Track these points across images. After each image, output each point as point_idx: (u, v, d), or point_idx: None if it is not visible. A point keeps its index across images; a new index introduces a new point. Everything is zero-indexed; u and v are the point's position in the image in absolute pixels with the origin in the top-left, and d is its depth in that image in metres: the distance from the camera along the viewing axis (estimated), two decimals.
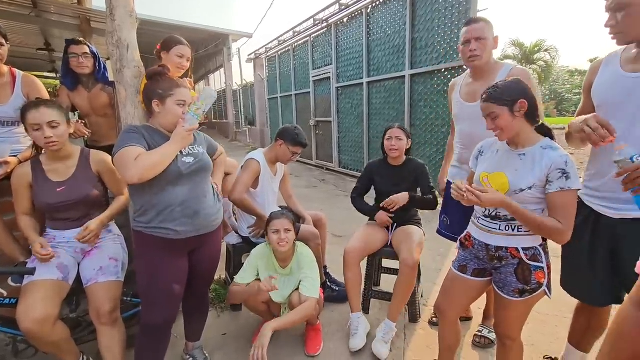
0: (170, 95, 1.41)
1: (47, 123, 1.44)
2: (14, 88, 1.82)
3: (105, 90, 2.33)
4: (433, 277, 2.68)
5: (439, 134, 4.59)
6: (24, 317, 1.32)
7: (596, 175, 1.34)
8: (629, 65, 1.21)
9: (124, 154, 1.30)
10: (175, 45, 2.04)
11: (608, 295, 1.35)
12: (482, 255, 1.37)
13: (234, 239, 2.32)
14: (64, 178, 1.56)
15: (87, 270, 1.54)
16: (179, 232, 1.41)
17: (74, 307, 1.63)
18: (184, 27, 12.11)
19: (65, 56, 2.22)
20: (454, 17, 4.16)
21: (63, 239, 1.57)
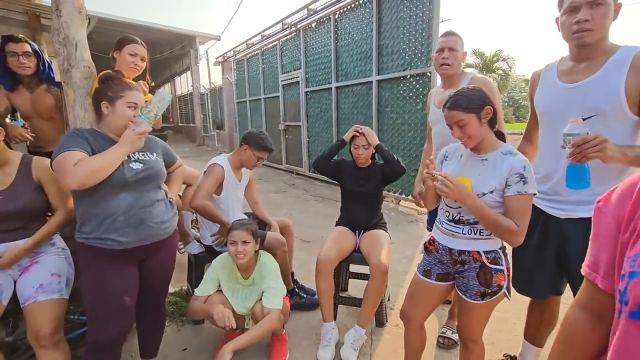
0: (121, 97, 1.34)
1: None
2: None
3: (51, 91, 2.16)
4: (400, 280, 2.71)
5: (405, 138, 4.70)
6: None
7: (544, 179, 1.41)
8: (565, 76, 1.31)
9: (63, 159, 1.21)
10: (128, 43, 1.94)
11: (549, 288, 1.46)
12: (446, 259, 1.38)
13: (196, 248, 2.22)
14: (1, 187, 1.42)
15: (25, 289, 1.39)
16: (123, 243, 1.32)
17: (10, 330, 1.47)
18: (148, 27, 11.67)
19: (2, 54, 2.03)
20: (418, 25, 4.30)
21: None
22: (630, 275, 0.54)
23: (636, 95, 1.15)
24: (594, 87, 1.20)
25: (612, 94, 1.17)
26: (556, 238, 1.37)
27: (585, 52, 1.24)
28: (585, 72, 1.24)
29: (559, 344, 0.74)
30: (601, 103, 1.19)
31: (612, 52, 1.20)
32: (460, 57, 1.87)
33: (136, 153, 1.39)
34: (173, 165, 1.67)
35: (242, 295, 1.79)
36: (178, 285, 2.47)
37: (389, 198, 5.03)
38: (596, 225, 0.68)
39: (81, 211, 1.33)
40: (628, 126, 1.19)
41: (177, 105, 19.42)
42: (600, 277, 0.65)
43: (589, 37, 1.19)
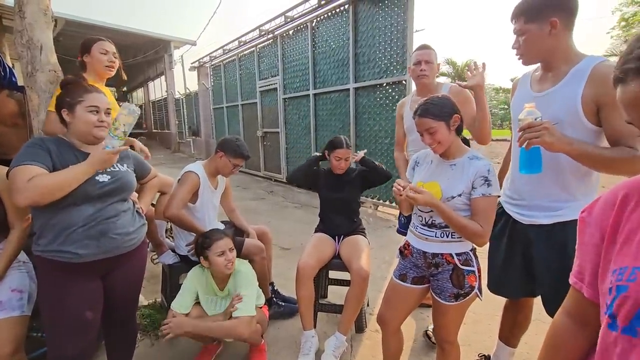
0: (80, 101, 1.26)
1: None
2: None
3: (13, 96, 2.05)
4: (379, 285, 2.73)
5: (382, 145, 4.78)
6: None
7: (511, 184, 1.49)
8: (536, 85, 1.38)
9: (16, 174, 1.14)
10: (95, 42, 1.86)
11: (521, 289, 1.51)
12: (420, 262, 1.42)
13: (170, 258, 2.15)
14: None
15: None
16: (81, 256, 1.25)
17: None
18: (120, 31, 11.32)
19: None
20: (393, 35, 4.41)
21: None
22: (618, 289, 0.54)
23: (593, 105, 1.18)
24: (555, 96, 1.26)
25: (569, 104, 1.22)
26: (521, 242, 1.43)
27: (544, 64, 1.33)
28: (552, 81, 1.29)
29: (545, 349, 0.76)
30: (559, 113, 1.24)
31: (577, 61, 1.24)
32: (435, 69, 2.02)
33: None
34: (146, 176, 1.61)
35: (220, 306, 1.74)
36: (152, 297, 2.38)
37: (367, 204, 5.08)
38: (581, 235, 0.69)
39: (38, 223, 1.25)
40: (587, 135, 1.22)
41: (150, 111, 18.87)
42: (585, 286, 0.66)
43: (523, 60, 1.33)
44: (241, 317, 1.60)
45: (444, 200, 1.33)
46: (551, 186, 1.32)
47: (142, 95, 19.84)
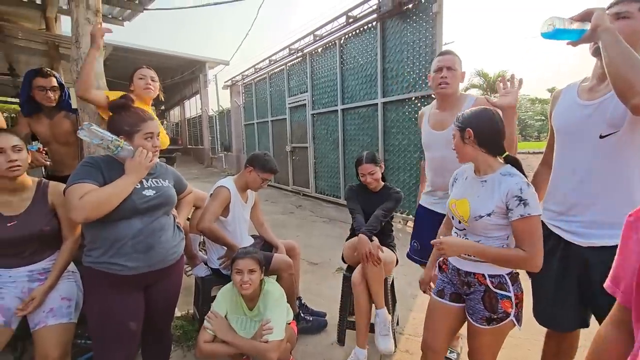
0: (137, 130, 1.36)
1: (11, 147, 1.38)
2: None
3: (68, 117, 2.25)
4: (409, 304, 2.65)
5: (411, 159, 4.72)
6: None
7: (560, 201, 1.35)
8: (585, 94, 1.29)
9: (70, 192, 1.24)
10: (135, 71, 2.09)
11: (574, 320, 1.37)
12: (455, 279, 1.37)
13: (203, 271, 2.21)
14: (16, 212, 1.44)
15: (36, 313, 1.40)
16: (131, 268, 1.32)
17: (18, 354, 1.47)
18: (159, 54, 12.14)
19: (27, 83, 2.13)
20: (422, 49, 4.40)
21: (9, 277, 1.44)
22: None
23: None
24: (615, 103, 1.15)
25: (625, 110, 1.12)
26: (577, 267, 1.29)
27: None
28: (607, 89, 1.20)
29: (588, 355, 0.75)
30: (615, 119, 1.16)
31: None
32: (459, 76, 1.81)
33: (149, 180, 1.42)
34: (183, 192, 1.69)
35: (249, 327, 1.74)
36: (184, 309, 2.45)
37: (395, 219, 4.99)
38: (624, 239, 0.67)
39: (90, 235, 1.34)
40: None
41: (186, 128, 19.84)
42: (620, 292, 0.66)
43: None
44: (272, 341, 1.59)
45: (471, 220, 1.27)
46: (613, 194, 1.19)
47: (179, 113, 20.93)
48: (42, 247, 1.49)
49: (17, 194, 1.47)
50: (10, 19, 5.05)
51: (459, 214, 1.32)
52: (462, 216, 1.30)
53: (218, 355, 1.65)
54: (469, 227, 1.31)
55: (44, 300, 1.42)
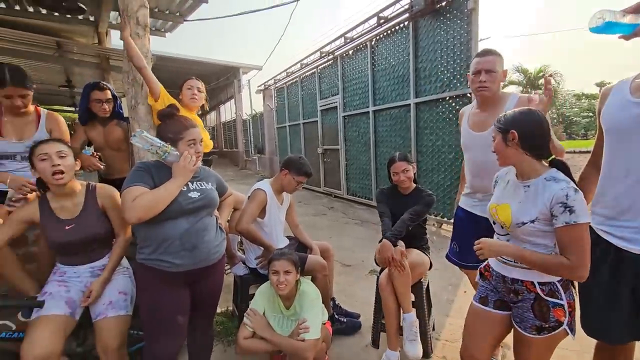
0: (181, 138, 1.46)
1: (56, 152, 1.47)
2: (38, 125, 1.92)
3: (120, 125, 2.45)
4: (445, 308, 2.59)
5: (446, 160, 4.60)
6: (27, 353, 1.32)
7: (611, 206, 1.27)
8: (638, 91, 1.21)
9: (125, 195, 1.35)
10: (184, 82, 2.27)
11: (627, 332, 1.27)
12: (500, 287, 1.33)
13: (241, 270, 2.31)
14: (72, 216, 1.57)
15: (97, 305, 1.54)
16: (178, 265, 1.42)
17: (80, 342, 1.62)
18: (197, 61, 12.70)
19: (85, 96, 2.34)
20: (456, 47, 4.29)
21: (73, 273, 1.59)
22: None
23: None
24: None
25: None
26: (631, 275, 1.21)
27: None
28: None
29: None
30: None
31: None
32: (499, 77, 1.75)
33: (194, 182, 1.52)
34: (224, 194, 1.79)
35: (286, 326, 1.80)
36: (224, 306, 2.56)
37: (429, 221, 4.88)
38: None
39: (142, 234, 1.46)
40: None
41: (221, 132, 20.58)
42: None
43: None
44: (308, 340, 1.64)
45: (513, 227, 1.22)
46: None
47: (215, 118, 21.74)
48: (100, 247, 1.63)
49: (70, 198, 1.59)
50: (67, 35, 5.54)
51: (500, 219, 1.28)
52: (504, 222, 1.26)
53: (256, 352, 1.72)
54: (512, 233, 1.27)
55: (102, 292, 1.56)
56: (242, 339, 1.69)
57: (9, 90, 1.75)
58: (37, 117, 1.93)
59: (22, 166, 1.89)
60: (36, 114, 1.94)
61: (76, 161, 1.58)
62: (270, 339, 1.68)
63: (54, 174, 1.47)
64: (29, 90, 1.83)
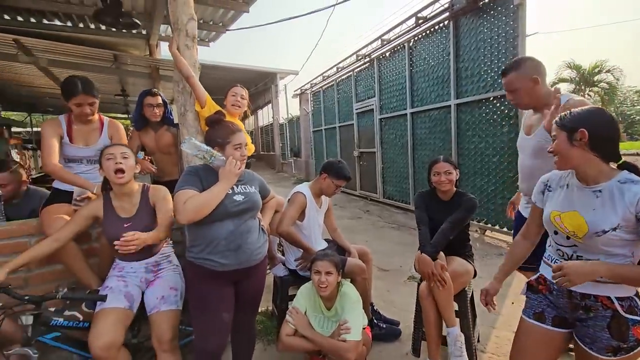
0: (228, 142, 1.54)
1: (120, 153, 1.62)
2: (101, 132, 2.11)
3: (170, 130, 2.61)
4: (491, 320, 2.46)
5: (489, 163, 4.39)
6: (94, 342, 1.45)
7: None
8: None
9: (177, 198, 1.44)
10: (230, 88, 2.36)
11: None
12: (563, 302, 1.20)
13: (281, 271, 2.36)
14: (129, 214, 1.69)
15: (151, 299, 1.65)
16: (224, 265, 1.49)
17: (135, 333, 1.74)
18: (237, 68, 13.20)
19: (139, 102, 2.54)
20: (501, 45, 4.10)
21: (130, 269, 1.71)
22: None
23: None
24: None
25: None
26: None
27: None
28: None
29: None
30: None
31: None
32: (526, 89, 1.70)
33: (239, 186, 1.58)
34: (267, 197, 1.84)
35: (326, 326, 1.81)
36: (264, 305, 2.63)
37: (472, 227, 4.68)
38: None
39: (191, 234, 1.55)
40: None
41: (259, 135, 21.18)
42: None
43: None
44: (350, 341, 1.64)
45: (590, 236, 1.11)
46: None
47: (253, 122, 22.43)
48: (151, 245, 1.73)
49: (128, 198, 1.72)
50: (122, 48, 6.01)
51: (569, 229, 1.16)
52: (574, 231, 1.15)
53: (297, 350, 1.75)
54: (583, 243, 1.15)
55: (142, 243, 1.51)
56: (285, 335, 1.73)
57: (80, 98, 1.93)
58: (100, 125, 2.12)
59: (87, 169, 2.08)
60: (100, 122, 2.12)
61: (136, 164, 1.71)
62: (312, 338, 1.70)
63: (116, 172, 1.60)
64: (96, 99, 2.02)
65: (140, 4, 4.53)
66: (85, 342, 1.50)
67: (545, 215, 1.26)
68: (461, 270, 1.93)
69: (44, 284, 1.93)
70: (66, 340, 1.60)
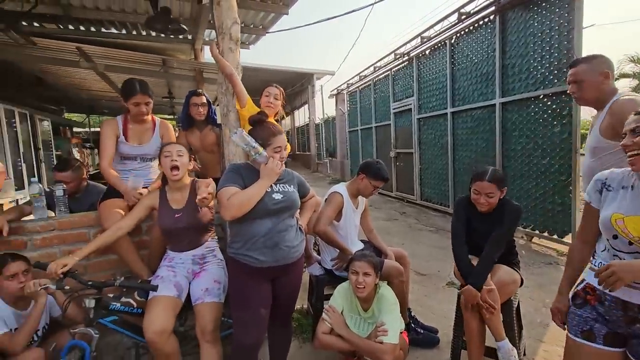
0: (269, 144, 1.57)
1: (176, 151, 1.77)
2: (154, 131, 2.25)
3: (214, 130, 2.73)
4: (538, 333, 2.31)
5: (538, 166, 4.12)
6: (149, 327, 1.55)
7: None
8: None
9: (221, 194, 1.50)
10: (265, 88, 2.39)
11: None
12: (616, 316, 1.10)
13: (317, 270, 2.37)
14: (180, 206, 1.81)
15: (196, 290, 1.74)
16: (262, 261, 1.53)
17: (182, 322, 1.84)
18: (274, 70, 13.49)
19: (186, 102, 2.69)
20: (553, 39, 3.83)
21: (179, 260, 1.82)
22: None
23: None
24: None
25: None
26: None
27: None
28: None
29: None
30: None
31: None
32: (592, 83, 1.66)
33: (278, 185, 1.61)
34: (306, 196, 1.86)
35: (363, 328, 1.80)
36: (300, 303, 2.65)
37: (518, 233, 4.41)
38: None
39: (232, 230, 1.60)
40: None
41: (295, 136, 21.49)
42: None
43: None
44: (387, 343, 1.62)
45: None
46: None
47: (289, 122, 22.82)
48: (198, 236, 1.84)
49: (180, 192, 1.84)
50: (170, 53, 6.37)
51: (632, 234, 1.07)
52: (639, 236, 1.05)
53: (333, 349, 1.76)
54: None
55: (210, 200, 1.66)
56: (321, 333, 1.74)
57: (138, 97, 2.08)
58: (153, 125, 2.26)
59: (140, 166, 2.23)
60: (152, 122, 2.27)
61: (190, 162, 1.85)
62: (348, 338, 1.69)
63: (172, 168, 1.75)
64: (151, 99, 2.16)
65: (187, 10, 4.77)
66: (139, 327, 1.61)
67: (604, 217, 1.15)
68: (507, 279, 1.83)
69: (101, 272, 2.10)
70: (122, 324, 1.73)
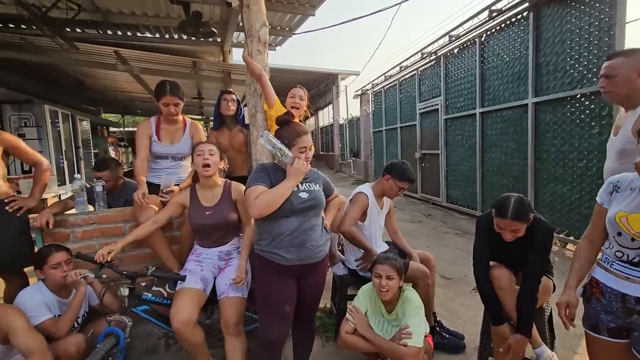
0: (294, 144, 1.59)
1: (208, 150, 1.84)
2: (184, 131, 2.34)
3: (242, 131, 2.81)
4: (572, 343, 2.20)
5: (574, 169, 3.92)
6: (175, 316, 1.63)
7: None
8: None
9: (249, 193, 1.54)
10: (289, 89, 2.44)
11: None
12: (616, 307, 1.14)
13: (341, 270, 2.38)
14: (211, 204, 1.88)
15: (221, 285, 1.80)
16: (287, 259, 1.55)
17: (208, 315, 1.91)
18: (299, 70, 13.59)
19: (218, 100, 2.80)
20: (593, 35, 3.63)
21: (206, 255, 1.89)
22: None
23: None
24: None
25: None
26: None
27: None
28: None
29: None
30: None
31: None
32: (628, 79, 1.56)
33: (304, 184, 1.64)
34: (330, 195, 1.88)
35: (386, 330, 1.80)
36: (323, 303, 2.67)
37: None
38: None
39: (259, 228, 1.64)
40: None
41: (318, 136, 21.57)
42: None
43: None
44: (411, 346, 1.61)
45: None
46: None
47: (313, 122, 22.94)
48: (226, 234, 1.90)
49: (211, 190, 1.92)
50: (200, 55, 6.59)
51: (634, 230, 1.11)
52: None
53: (356, 349, 1.76)
54: None
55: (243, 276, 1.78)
56: (345, 332, 1.75)
57: (167, 98, 2.18)
58: (184, 125, 2.36)
59: (171, 165, 2.33)
60: (183, 123, 2.37)
61: (221, 160, 1.92)
62: (371, 339, 1.69)
63: (204, 166, 1.82)
64: (181, 101, 2.26)
65: (217, 14, 4.92)
66: (168, 318, 1.69)
67: (610, 215, 1.19)
68: (542, 287, 1.76)
69: (135, 264, 2.21)
70: (153, 313, 1.82)
